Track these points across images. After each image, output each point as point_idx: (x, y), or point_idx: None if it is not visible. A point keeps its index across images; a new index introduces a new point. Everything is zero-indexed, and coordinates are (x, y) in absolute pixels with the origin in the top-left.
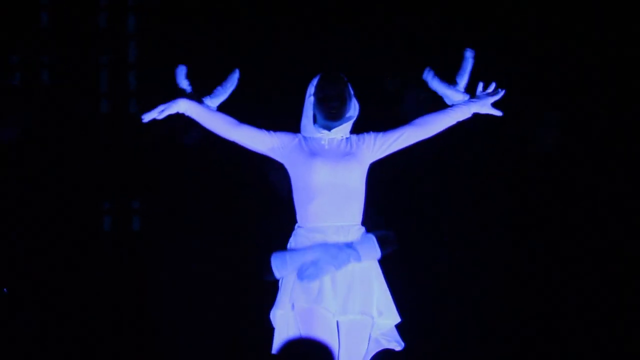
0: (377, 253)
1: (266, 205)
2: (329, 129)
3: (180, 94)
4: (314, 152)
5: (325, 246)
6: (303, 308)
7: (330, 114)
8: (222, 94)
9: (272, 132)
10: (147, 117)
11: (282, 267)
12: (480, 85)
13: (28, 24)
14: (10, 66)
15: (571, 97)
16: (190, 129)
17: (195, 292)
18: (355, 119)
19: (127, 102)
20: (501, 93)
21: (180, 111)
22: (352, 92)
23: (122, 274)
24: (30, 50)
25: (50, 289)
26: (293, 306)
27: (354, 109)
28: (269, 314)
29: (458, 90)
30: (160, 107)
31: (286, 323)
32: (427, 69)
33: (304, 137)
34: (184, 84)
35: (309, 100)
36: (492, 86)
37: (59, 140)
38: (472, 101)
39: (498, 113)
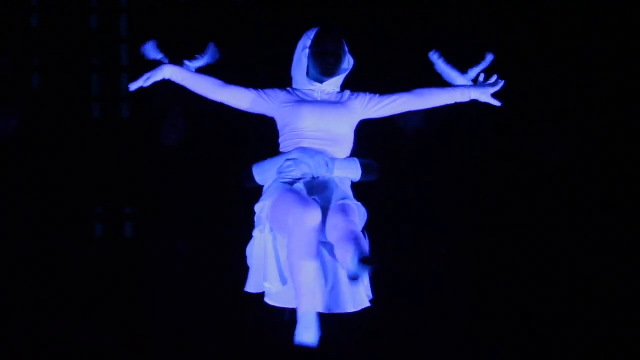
0: (357, 173)
1: None
2: (322, 82)
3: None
4: (303, 100)
5: (303, 148)
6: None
7: (326, 70)
8: (200, 60)
9: (259, 89)
10: (133, 87)
11: (262, 171)
12: (482, 76)
13: (18, 26)
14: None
15: (575, 104)
16: (172, 129)
17: (187, 298)
18: (348, 73)
19: (120, 106)
20: (501, 83)
21: (166, 77)
22: (346, 47)
23: (114, 280)
24: (20, 53)
25: (42, 295)
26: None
27: (347, 63)
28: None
29: (463, 76)
30: (146, 75)
31: (263, 250)
32: (433, 50)
33: (295, 89)
34: (159, 56)
35: (304, 53)
36: (494, 77)
37: (50, 145)
38: (474, 87)
39: (497, 103)
